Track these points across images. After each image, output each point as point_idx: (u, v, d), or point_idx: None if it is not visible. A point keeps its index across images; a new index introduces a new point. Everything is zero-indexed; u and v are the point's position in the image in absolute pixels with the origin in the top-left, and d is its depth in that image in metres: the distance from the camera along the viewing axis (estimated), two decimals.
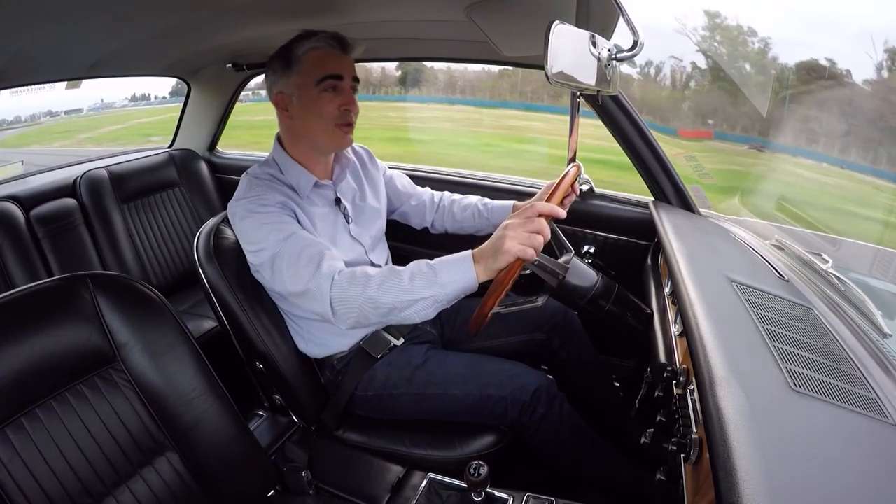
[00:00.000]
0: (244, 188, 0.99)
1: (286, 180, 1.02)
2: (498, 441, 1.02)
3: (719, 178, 3.47)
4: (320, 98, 0.97)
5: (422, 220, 1.32)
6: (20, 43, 1.05)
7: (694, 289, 0.79)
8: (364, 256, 1.11)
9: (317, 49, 0.96)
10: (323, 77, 0.96)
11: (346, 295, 0.84)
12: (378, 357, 1.07)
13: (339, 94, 0.98)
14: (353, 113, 1.00)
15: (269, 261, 0.91)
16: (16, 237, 1.50)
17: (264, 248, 0.91)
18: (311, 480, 0.93)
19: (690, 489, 0.58)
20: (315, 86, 0.96)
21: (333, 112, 0.98)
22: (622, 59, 0.83)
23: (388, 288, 0.82)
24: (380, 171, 1.25)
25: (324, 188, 1.07)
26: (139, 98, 12.30)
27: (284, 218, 0.93)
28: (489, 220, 1.25)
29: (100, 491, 0.70)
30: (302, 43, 0.97)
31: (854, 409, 0.56)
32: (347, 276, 0.85)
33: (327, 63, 0.97)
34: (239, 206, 0.96)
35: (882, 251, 1.48)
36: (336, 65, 0.97)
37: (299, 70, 0.97)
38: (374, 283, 0.83)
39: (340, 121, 0.99)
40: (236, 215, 0.96)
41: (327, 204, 1.07)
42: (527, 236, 0.76)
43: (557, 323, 1.20)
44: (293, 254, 0.89)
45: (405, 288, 0.81)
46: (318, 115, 0.98)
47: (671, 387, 0.75)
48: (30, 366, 0.68)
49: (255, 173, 1.02)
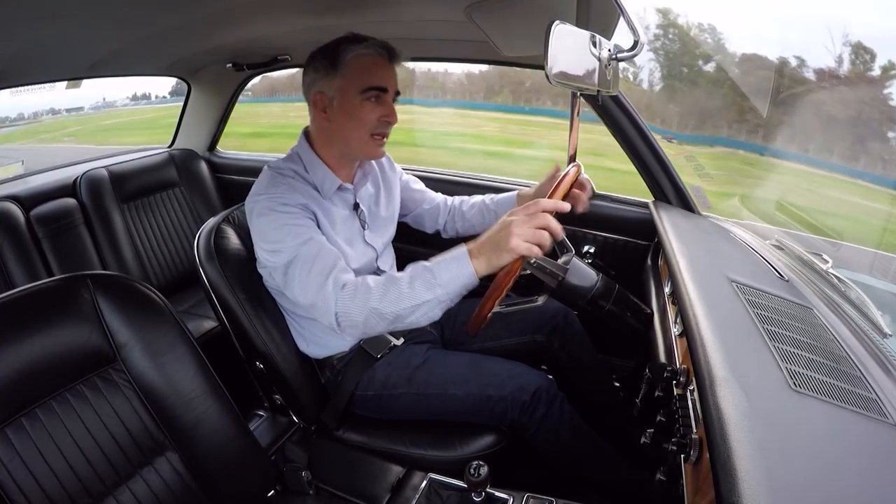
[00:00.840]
0: (265, 183, 0.97)
1: (310, 179, 1.01)
2: (498, 441, 1.02)
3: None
4: (362, 106, 0.95)
5: (434, 223, 1.32)
6: (20, 43, 1.05)
7: (694, 289, 0.79)
8: (373, 262, 1.11)
9: (365, 56, 0.94)
10: (369, 87, 0.94)
11: (350, 309, 0.84)
12: (378, 357, 1.07)
13: (381, 104, 0.96)
14: (393, 124, 0.99)
15: (283, 266, 0.90)
16: (16, 237, 1.50)
17: (281, 251, 0.90)
18: (311, 480, 0.93)
19: (690, 489, 0.58)
20: (359, 93, 0.94)
21: (373, 122, 0.96)
22: (622, 59, 0.83)
23: (391, 297, 0.81)
24: (397, 176, 1.24)
25: (345, 192, 1.06)
26: (140, 97, 12.37)
27: (305, 221, 0.93)
28: (497, 214, 1.24)
29: (100, 491, 0.70)
30: (351, 46, 0.94)
31: (854, 409, 0.56)
32: (350, 292, 0.85)
33: (375, 72, 0.95)
34: (259, 202, 0.94)
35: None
36: (383, 75, 0.96)
37: (344, 74, 0.94)
38: (376, 294, 0.82)
39: (377, 131, 0.98)
40: (254, 211, 0.94)
41: (347, 207, 1.07)
42: (532, 233, 0.75)
43: (558, 324, 1.20)
44: (307, 261, 0.88)
45: (406, 294, 0.81)
46: (357, 123, 0.97)
47: (671, 387, 0.75)
48: (30, 366, 0.68)
49: (277, 168, 1.00)
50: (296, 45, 1.59)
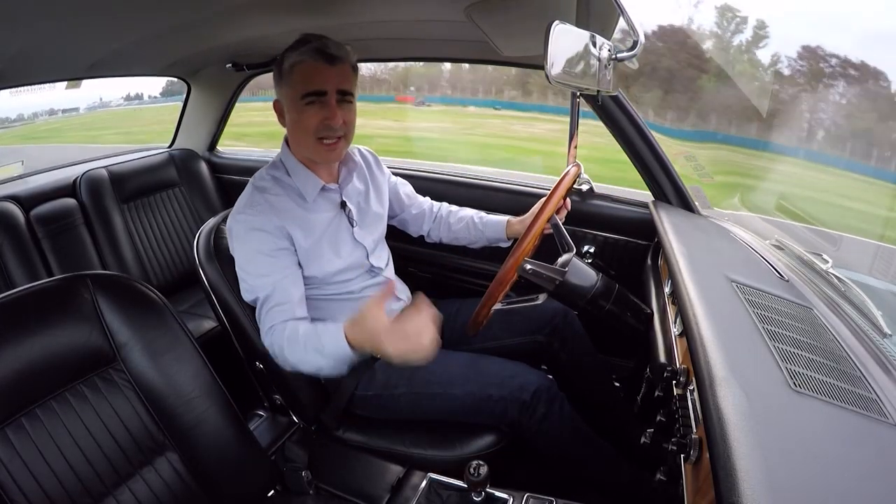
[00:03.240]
0: (245, 201, 0.99)
1: (293, 184, 1.02)
2: (498, 441, 1.02)
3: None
4: (304, 111, 0.96)
5: (419, 228, 1.34)
6: (20, 43, 1.05)
7: (694, 289, 0.79)
8: (365, 260, 1.11)
9: (301, 62, 0.95)
10: (306, 92, 0.95)
11: (279, 352, 0.92)
12: (378, 357, 1.07)
13: (323, 107, 0.96)
14: (335, 127, 0.97)
15: (251, 300, 0.96)
16: (16, 237, 1.50)
17: (249, 283, 0.95)
18: (311, 480, 0.93)
19: (690, 489, 0.58)
20: (300, 99, 0.95)
21: (315, 125, 0.96)
22: (622, 59, 0.83)
23: (297, 357, 0.89)
24: (385, 176, 1.25)
25: (330, 192, 1.07)
26: (133, 97, 12.48)
27: (274, 252, 0.96)
28: (483, 234, 1.27)
29: (100, 491, 0.70)
30: (289, 54, 0.96)
31: (854, 409, 0.56)
32: (278, 339, 0.92)
33: (311, 78, 0.95)
34: (237, 223, 0.97)
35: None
36: (320, 80, 0.95)
37: (288, 82, 0.97)
38: (288, 350, 0.90)
39: (321, 135, 0.97)
40: (232, 231, 0.97)
41: (333, 208, 1.07)
42: (406, 349, 0.79)
43: (557, 325, 1.20)
44: (266, 301, 0.94)
45: (308, 359, 0.88)
46: (303, 129, 0.98)
47: (671, 387, 0.75)
48: (30, 366, 0.68)
49: (259, 179, 1.02)
50: None
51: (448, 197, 1.42)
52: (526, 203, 1.26)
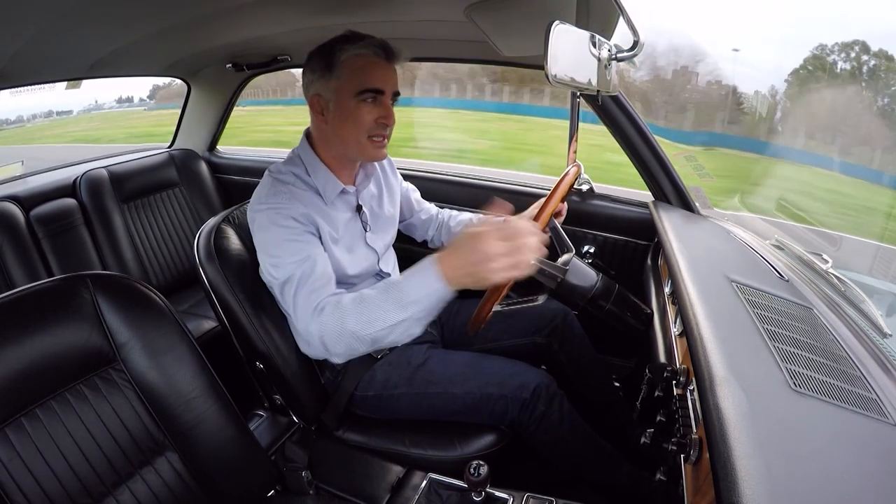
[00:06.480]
0: (266, 191, 0.96)
1: (312, 183, 1.00)
2: (498, 441, 1.02)
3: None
4: (358, 108, 0.93)
5: (424, 233, 1.35)
6: (20, 43, 1.05)
7: (694, 289, 0.79)
8: (375, 265, 1.11)
9: (361, 56, 0.92)
10: (364, 89, 0.92)
11: (329, 331, 0.84)
12: (378, 357, 1.07)
13: (378, 105, 0.94)
14: (389, 126, 0.97)
15: (280, 284, 0.90)
16: (16, 237, 1.50)
17: (280, 266, 0.90)
18: (311, 480, 0.93)
19: (690, 489, 0.58)
20: (354, 95, 0.92)
21: (369, 123, 0.94)
22: (622, 59, 0.83)
23: (364, 320, 0.80)
24: (398, 181, 1.25)
25: (348, 194, 1.06)
26: (125, 100, 12.58)
27: (304, 236, 0.92)
28: None
29: (100, 491, 0.70)
30: (346, 46, 0.92)
31: (854, 409, 0.56)
32: (329, 316, 0.84)
33: (370, 73, 0.92)
34: (261, 213, 0.93)
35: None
36: (380, 77, 0.93)
37: (339, 75, 0.92)
38: (351, 317, 0.81)
39: (374, 133, 0.96)
40: (256, 222, 0.94)
41: (349, 210, 1.06)
42: (512, 262, 0.70)
43: (557, 326, 1.20)
44: (302, 282, 0.88)
45: (379, 317, 0.79)
46: (354, 126, 0.94)
47: (671, 387, 0.75)
48: (30, 366, 0.67)
49: (278, 173, 0.98)
50: (296, 45, 1.59)
51: (448, 197, 1.42)
52: (526, 203, 1.26)
